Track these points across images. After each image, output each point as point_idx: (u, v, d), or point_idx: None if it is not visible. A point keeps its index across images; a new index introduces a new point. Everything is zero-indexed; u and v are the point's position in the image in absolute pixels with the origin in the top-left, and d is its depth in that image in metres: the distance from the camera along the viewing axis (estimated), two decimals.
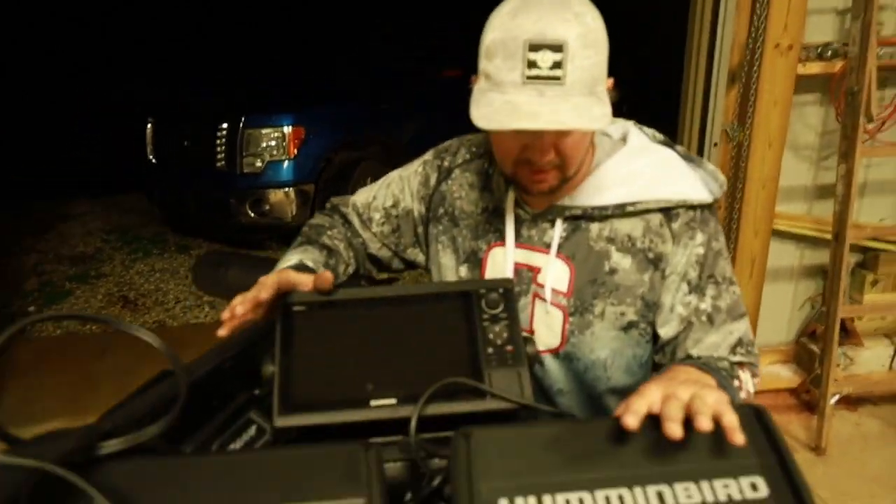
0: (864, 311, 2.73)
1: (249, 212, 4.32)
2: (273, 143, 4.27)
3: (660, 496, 0.62)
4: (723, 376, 0.88)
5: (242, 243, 4.74)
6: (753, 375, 1.01)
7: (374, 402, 0.78)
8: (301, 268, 1.00)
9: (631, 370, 1.06)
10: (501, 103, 0.84)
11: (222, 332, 0.85)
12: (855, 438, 2.58)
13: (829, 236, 2.56)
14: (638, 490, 0.62)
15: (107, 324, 0.75)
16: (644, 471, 0.64)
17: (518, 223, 1.04)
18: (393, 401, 0.78)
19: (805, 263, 2.90)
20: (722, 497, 0.62)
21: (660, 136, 1.06)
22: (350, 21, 6.09)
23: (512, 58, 0.83)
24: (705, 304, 0.98)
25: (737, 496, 0.62)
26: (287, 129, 4.27)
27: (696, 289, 0.98)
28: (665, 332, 1.00)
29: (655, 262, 0.99)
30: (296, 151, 4.29)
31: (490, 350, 0.82)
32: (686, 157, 1.02)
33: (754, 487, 0.63)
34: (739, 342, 0.99)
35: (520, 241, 1.04)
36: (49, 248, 5.22)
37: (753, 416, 0.68)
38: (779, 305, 2.93)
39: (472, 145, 1.13)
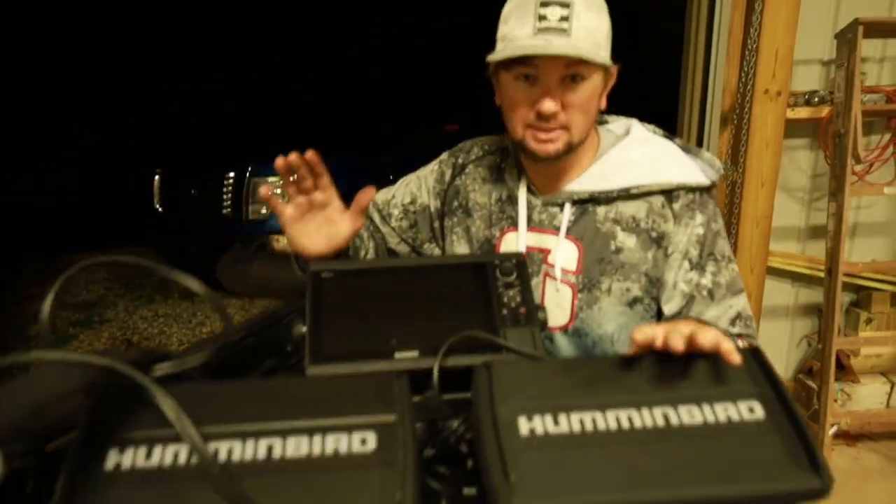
0: (859, 343, 2.78)
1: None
2: (278, 191, 4.37)
3: (665, 416, 0.68)
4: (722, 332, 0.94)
5: None
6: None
7: (398, 355, 0.84)
8: None
9: None
10: (516, 48, 0.95)
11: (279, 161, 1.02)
12: (854, 472, 2.59)
13: (822, 274, 2.64)
14: (645, 411, 0.68)
15: (154, 270, 0.81)
16: (650, 396, 0.70)
17: (529, 209, 1.11)
18: (415, 353, 0.84)
19: (800, 302, 2.97)
20: (722, 418, 0.68)
21: (660, 131, 1.15)
22: (353, 76, 6.33)
23: (524, 15, 0.95)
24: (706, 280, 1.05)
25: (735, 417, 0.68)
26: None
27: (697, 266, 1.05)
28: (669, 308, 1.07)
29: (658, 241, 1.06)
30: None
31: (504, 311, 0.89)
32: (684, 148, 1.11)
33: (751, 410, 0.69)
34: (738, 316, 1.05)
35: (531, 226, 1.11)
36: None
37: (750, 354, 0.74)
38: (776, 343, 2.98)
39: (484, 144, 1.22)
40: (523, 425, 0.67)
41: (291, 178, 0.96)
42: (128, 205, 5.62)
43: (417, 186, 1.25)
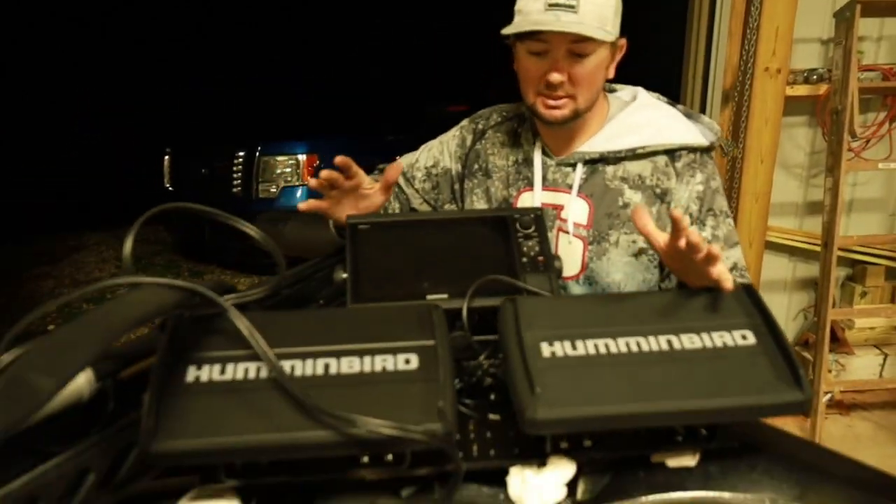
0: (853, 314, 2.88)
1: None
2: (288, 169, 4.48)
3: (668, 342, 0.78)
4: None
5: (256, 268, 4.90)
6: None
7: (429, 297, 0.94)
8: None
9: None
10: (526, 23, 1.04)
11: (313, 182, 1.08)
12: (847, 438, 2.70)
13: (819, 248, 2.73)
14: (651, 338, 0.78)
15: (212, 215, 0.90)
16: (656, 325, 0.80)
17: (543, 169, 1.21)
18: (445, 295, 0.94)
19: (798, 277, 3.07)
20: (718, 343, 0.78)
21: (664, 98, 1.25)
22: (361, 56, 6.39)
23: None
24: (706, 234, 1.15)
25: (730, 343, 0.78)
26: (301, 157, 4.49)
27: (697, 221, 1.15)
28: None
29: (662, 196, 1.16)
30: (310, 178, 4.50)
31: (524, 259, 0.99)
32: (686, 113, 1.21)
33: (744, 337, 0.79)
34: (735, 266, 1.14)
35: (545, 185, 1.21)
36: (64, 275, 5.38)
37: (743, 290, 0.84)
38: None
39: (502, 111, 1.32)
40: (545, 349, 0.77)
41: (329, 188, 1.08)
42: (137, 184, 5.70)
43: (440, 151, 1.34)
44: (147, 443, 0.65)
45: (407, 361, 0.75)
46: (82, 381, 0.70)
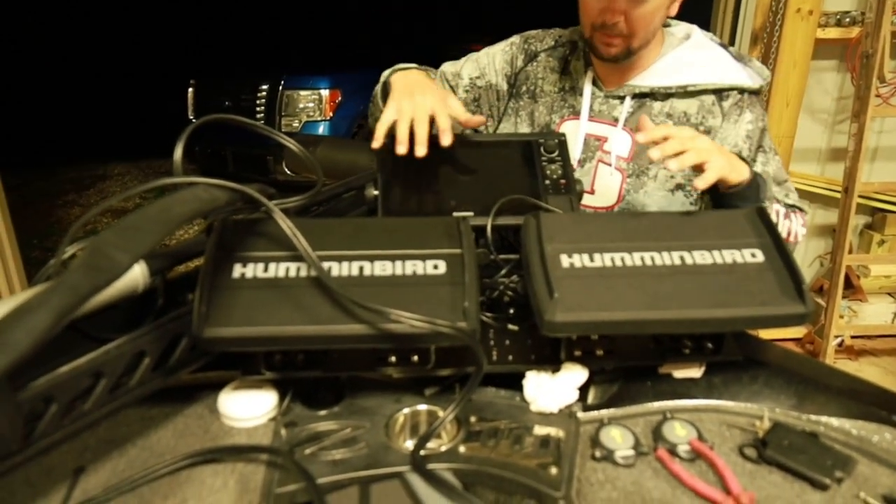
0: (868, 259, 2.91)
1: (286, 169, 4.55)
2: (311, 104, 4.49)
3: (681, 257, 0.83)
4: (759, 176, 1.05)
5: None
6: (802, 224, 1.21)
7: (455, 214, 0.99)
8: (414, 67, 1.21)
9: None
10: None
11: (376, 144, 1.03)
12: None
13: (839, 196, 2.74)
14: (665, 253, 0.83)
15: (256, 128, 0.96)
16: (670, 242, 0.85)
17: (591, 100, 1.24)
18: (471, 212, 0.99)
19: (816, 223, 3.08)
20: (728, 260, 0.83)
21: (717, 39, 1.27)
22: None
23: None
24: (757, 168, 1.18)
25: (739, 260, 0.83)
26: (324, 92, 4.49)
27: (750, 159, 1.18)
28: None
29: (706, 134, 1.19)
30: (331, 113, 4.52)
31: (547, 182, 1.03)
32: (737, 56, 1.23)
33: (753, 255, 0.84)
34: (787, 195, 1.18)
35: (591, 116, 1.24)
36: (90, 203, 5.51)
37: (756, 213, 0.88)
38: None
39: (556, 35, 1.33)
40: (564, 260, 0.82)
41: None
42: (162, 115, 5.74)
43: (487, 63, 1.34)
44: (199, 329, 0.72)
45: (435, 266, 0.81)
46: (138, 274, 0.77)
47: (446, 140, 0.97)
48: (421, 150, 0.94)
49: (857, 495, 0.72)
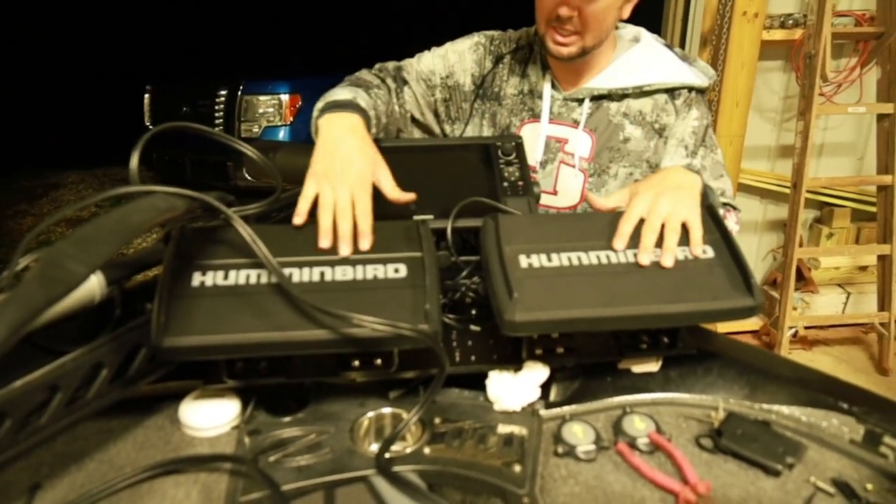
0: (818, 252, 3.01)
1: (246, 175, 4.49)
2: (271, 109, 4.45)
3: (635, 255, 0.85)
4: (707, 182, 1.05)
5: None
6: (735, 222, 1.24)
7: (416, 217, 1.00)
8: (352, 105, 1.07)
9: None
10: None
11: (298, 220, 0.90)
12: None
13: (788, 191, 2.82)
14: (620, 252, 0.85)
15: (213, 135, 0.95)
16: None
17: (550, 102, 1.26)
18: (431, 215, 1.00)
19: (768, 218, 3.17)
20: (680, 256, 0.86)
21: (662, 40, 1.31)
22: None
23: None
24: (696, 162, 1.22)
25: (690, 256, 0.86)
26: (284, 97, 4.45)
27: (692, 153, 1.22)
28: None
29: (660, 132, 1.23)
30: (292, 118, 4.47)
31: (505, 184, 1.05)
32: (682, 56, 1.27)
33: (704, 252, 0.86)
34: (723, 193, 1.22)
35: (550, 118, 1.26)
36: (43, 213, 5.36)
37: (706, 211, 0.91)
38: None
39: (517, 38, 1.34)
40: (523, 261, 0.84)
41: None
42: (117, 122, 5.62)
43: (455, 61, 1.32)
44: (158, 338, 0.71)
45: (396, 270, 0.81)
46: (94, 284, 0.76)
47: (364, 244, 0.86)
48: (345, 250, 0.84)
49: (808, 480, 0.75)
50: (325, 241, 0.85)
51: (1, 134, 6.78)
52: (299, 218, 0.88)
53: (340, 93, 1.11)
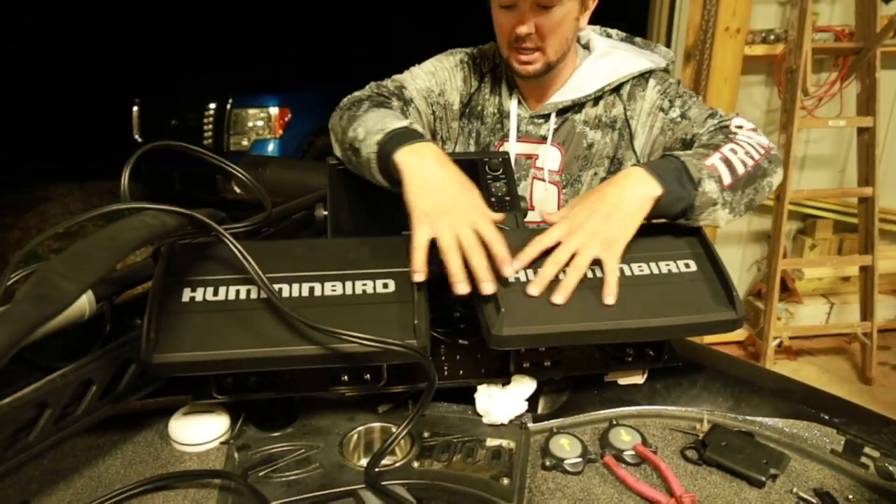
0: (801, 263, 3.04)
1: (235, 188, 4.49)
2: (260, 122, 4.46)
3: (620, 269, 0.86)
4: (678, 167, 0.94)
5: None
6: (752, 129, 1.09)
7: (404, 232, 1.00)
8: (416, 134, 0.97)
9: None
10: None
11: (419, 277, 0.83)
12: None
13: (772, 203, 2.86)
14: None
15: (205, 155, 0.96)
16: None
17: (518, 121, 1.28)
18: None
19: (752, 230, 3.20)
20: (664, 271, 0.87)
21: (621, 34, 1.32)
22: (333, 10, 6.31)
23: None
24: (676, 113, 1.19)
25: (674, 270, 0.87)
26: (273, 110, 4.46)
27: (668, 109, 1.20)
28: (660, 152, 1.21)
29: (612, 125, 1.24)
30: (281, 132, 4.48)
31: (493, 199, 1.06)
32: (644, 45, 1.29)
33: (687, 266, 0.88)
34: (722, 120, 1.14)
35: (519, 136, 1.28)
36: (31, 226, 5.31)
37: (692, 230, 0.93)
38: (728, 268, 3.21)
39: (492, 54, 1.34)
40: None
41: None
42: (105, 135, 5.59)
43: (446, 79, 1.32)
44: (148, 355, 0.72)
45: (385, 286, 0.82)
46: (84, 300, 0.76)
47: (509, 272, 0.83)
48: (489, 288, 0.80)
49: (791, 490, 0.76)
50: (461, 288, 0.80)
51: None
52: (420, 275, 0.81)
53: (391, 121, 1.00)
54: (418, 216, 0.85)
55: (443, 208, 0.84)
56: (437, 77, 1.31)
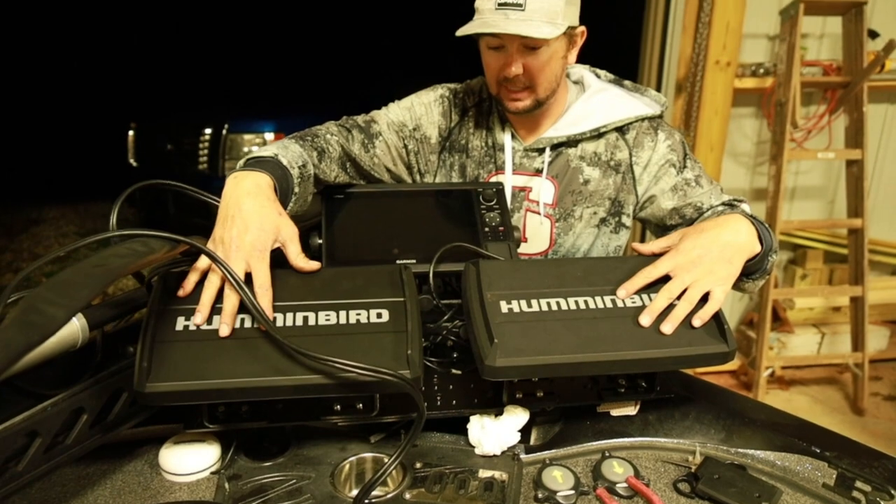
0: (792, 293, 3.06)
1: None
2: (255, 147, 4.48)
3: (612, 301, 0.87)
4: (748, 215, 1.06)
5: None
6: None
7: (399, 261, 1.01)
8: (270, 163, 0.99)
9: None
10: (478, 23, 1.11)
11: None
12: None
13: None
14: (597, 297, 0.87)
15: (197, 193, 0.97)
16: (602, 287, 0.89)
17: (512, 154, 1.29)
18: (413, 260, 1.01)
19: None
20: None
21: (610, 76, 1.34)
22: (327, 37, 6.38)
23: None
24: (689, 174, 1.24)
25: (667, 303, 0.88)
26: (269, 136, 4.48)
27: (681, 168, 1.24)
28: (667, 205, 1.24)
29: (616, 168, 1.26)
30: None
31: (486, 229, 1.07)
32: (634, 88, 1.31)
33: (679, 299, 0.88)
34: (722, 191, 1.24)
35: (514, 169, 1.29)
36: (23, 248, 5.28)
37: None
38: None
39: (479, 89, 1.37)
40: (503, 306, 0.85)
41: None
42: (99, 158, 5.60)
43: (422, 114, 1.35)
44: (141, 384, 0.71)
45: (379, 315, 0.83)
46: (77, 328, 0.76)
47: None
48: (224, 330, 0.79)
49: None
50: (198, 317, 0.79)
51: None
52: (182, 291, 0.82)
53: (267, 148, 1.03)
54: (210, 240, 0.88)
55: (227, 238, 0.85)
56: (413, 112, 1.34)
